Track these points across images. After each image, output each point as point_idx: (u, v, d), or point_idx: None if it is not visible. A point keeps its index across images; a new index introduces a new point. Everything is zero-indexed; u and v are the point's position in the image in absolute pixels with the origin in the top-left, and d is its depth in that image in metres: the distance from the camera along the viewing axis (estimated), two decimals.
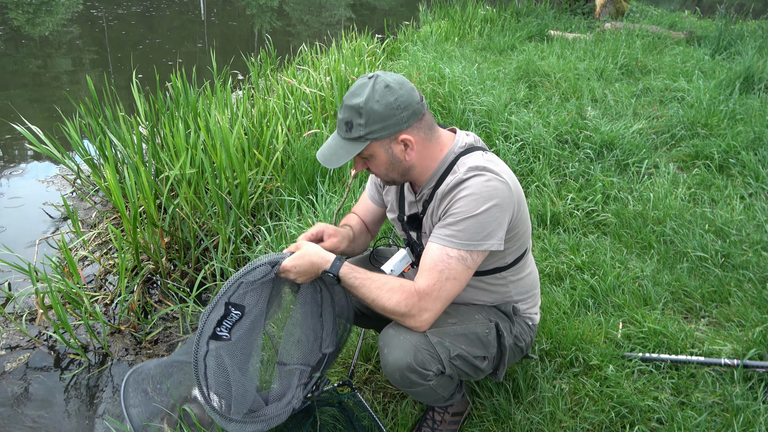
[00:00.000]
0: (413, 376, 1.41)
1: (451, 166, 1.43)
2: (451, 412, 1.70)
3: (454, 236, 1.36)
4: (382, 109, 1.32)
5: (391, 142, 1.38)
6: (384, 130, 1.35)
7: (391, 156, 1.40)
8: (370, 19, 14.03)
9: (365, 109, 1.32)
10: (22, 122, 4.10)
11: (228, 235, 2.98)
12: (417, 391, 1.47)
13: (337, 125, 1.40)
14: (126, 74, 6.24)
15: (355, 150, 1.36)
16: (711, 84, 4.61)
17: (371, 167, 1.44)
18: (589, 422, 1.74)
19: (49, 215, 3.63)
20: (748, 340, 2.01)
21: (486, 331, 1.51)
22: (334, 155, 1.39)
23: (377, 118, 1.33)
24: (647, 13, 10.60)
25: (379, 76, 1.34)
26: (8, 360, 2.42)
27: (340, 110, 1.38)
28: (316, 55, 5.95)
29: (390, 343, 1.42)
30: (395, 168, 1.43)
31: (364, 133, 1.34)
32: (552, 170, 3.37)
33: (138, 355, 2.49)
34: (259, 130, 3.70)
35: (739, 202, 2.98)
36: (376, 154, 1.39)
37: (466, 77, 4.61)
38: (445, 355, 1.42)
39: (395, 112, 1.34)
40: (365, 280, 1.40)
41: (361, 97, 1.32)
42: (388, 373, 1.45)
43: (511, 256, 1.52)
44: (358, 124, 1.34)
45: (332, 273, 1.41)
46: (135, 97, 3.95)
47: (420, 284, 1.37)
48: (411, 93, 1.36)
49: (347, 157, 1.37)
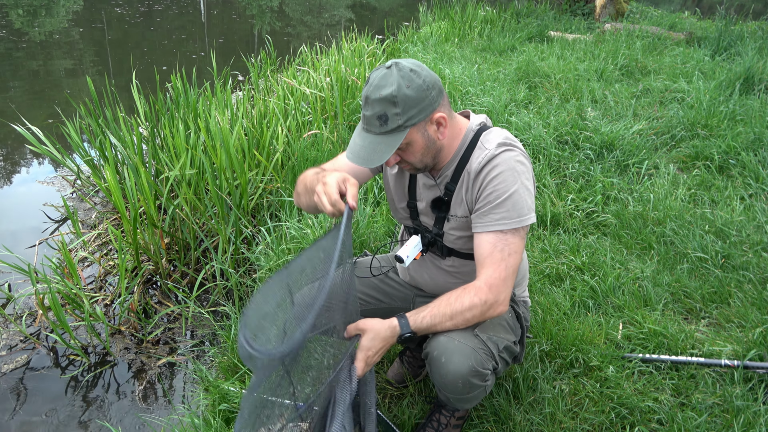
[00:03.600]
0: (476, 379, 1.39)
1: (473, 143, 1.44)
2: (457, 416, 1.70)
3: (502, 219, 1.37)
4: (414, 93, 1.30)
5: (426, 124, 1.36)
6: (421, 114, 1.33)
7: (427, 139, 1.38)
8: (370, 19, 14.04)
9: (399, 97, 1.29)
10: (22, 123, 4.10)
11: (228, 236, 2.98)
12: (472, 396, 1.45)
13: (366, 122, 1.34)
14: (126, 75, 6.24)
15: (396, 142, 1.32)
16: (711, 85, 4.62)
17: (406, 156, 1.41)
18: (590, 423, 1.74)
19: (49, 216, 3.63)
20: (748, 341, 2.01)
21: (510, 314, 1.57)
22: (375, 152, 1.33)
23: (412, 103, 1.30)
24: (647, 14, 10.61)
25: (399, 63, 1.33)
26: (8, 360, 2.42)
27: (368, 106, 1.32)
28: (316, 55, 5.96)
29: (447, 351, 1.39)
30: (430, 151, 1.41)
31: (403, 121, 1.31)
32: (552, 171, 3.37)
33: (138, 355, 2.49)
34: (259, 130, 3.70)
35: (739, 203, 2.98)
36: (413, 141, 1.36)
37: (466, 78, 4.61)
38: (495, 349, 1.44)
39: (426, 93, 1.32)
40: (434, 312, 1.38)
41: (391, 87, 1.29)
42: (448, 383, 1.40)
43: None
44: (395, 114, 1.30)
45: (409, 333, 1.38)
46: (135, 97, 3.95)
47: (487, 274, 1.37)
48: (431, 72, 1.36)
49: (390, 151, 1.32)
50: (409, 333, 1.37)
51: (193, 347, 2.57)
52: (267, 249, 2.83)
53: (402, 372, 1.97)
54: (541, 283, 2.43)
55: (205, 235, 3.11)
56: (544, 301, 2.26)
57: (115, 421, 2.14)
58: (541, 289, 2.38)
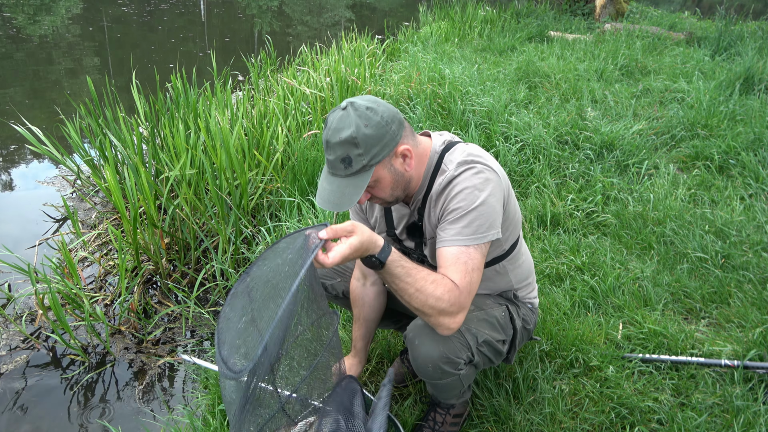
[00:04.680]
0: (446, 366, 1.42)
1: (438, 166, 1.43)
2: (452, 414, 1.71)
3: (462, 233, 1.35)
4: (374, 131, 1.29)
5: (391, 159, 1.36)
6: (384, 150, 1.32)
7: (395, 173, 1.38)
8: (370, 19, 14.04)
9: (359, 138, 1.28)
10: (22, 123, 4.10)
11: (228, 236, 2.98)
12: (445, 383, 1.48)
13: (330, 166, 1.34)
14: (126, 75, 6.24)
15: (363, 182, 1.32)
16: (711, 85, 4.61)
17: (376, 193, 1.41)
18: (590, 423, 1.74)
19: (49, 216, 3.63)
20: (748, 341, 2.01)
21: (502, 313, 1.56)
22: (344, 196, 1.33)
23: (374, 141, 1.30)
24: (647, 14, 10.61)
25: (354, 102, 1.32)
26: (8, 361, 2.42)
27: (330, 150, 1.32)
28: (316, 55, 5.96)
29: (420, 334, 1.43)
30: (399, 184, 1.41)
31: (367, 161, 1.31)
32: (552, 171, 3.37)
33: (138, 355, 2.49)
34: (259, 130, 3.70)
35: (739, 203, 2.98)
36: (381, 178, 1.36)
37: (466, 78, 4.61)
38: (473, 342, 1.45)
39: (386, 129, 1.31)
40: (411, 269, 1.30)
41: (350, 128, 1.28)
42: (419, 365, 1.44)
43: (507, 242, 1.54)
44: (358, 155, 1.30)
45: (378, 262, 1.28)
46: (135, 97, 3.95)
47: (453, 278, 1.31)
48: (388, 106, 1.36)
49: (358, 193, 1.32)
50: (379, 261, 1.28)
51: (193, 347, 2.57)
52: None
53: (402, 372, 1.97)
54: (541, 283, 2.43)
55: (205, 235, 3.11)
56: (544, 301, 2.26)
57: (115, 421, 2.14)
58: (541, 289, 2.38)
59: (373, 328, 1.81)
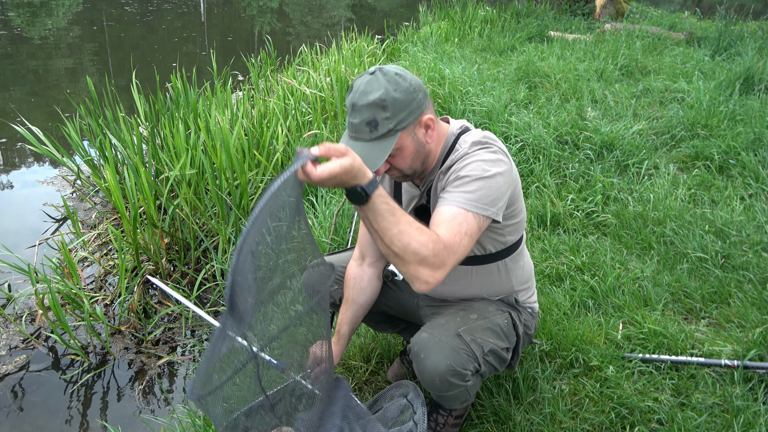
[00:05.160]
0: (453, 378, 1.39)
1: (452, 147, 1.43)
2: (454, 416, 1.70)
3: (465, 197, 1.31)
4: (403, 96, 1.29)
5: (415, 128, 1.35)
6: (410, 117, 1.32)
7: (417, 143, 1.37)
8: (370, 20, 14.04)
9: (388, 101, 1.28)
10: (22, 123, 4.10)
11: (228, 236, 2.98)
12: (452, 395, 1.45)
13: (354, 130, 1.32)
14: (126, 75, 6.24)
15: (388, 147, 1.30)
16: (711, 85, 4.61)
17: (396, 163, 1.38)
18: (590, 423, 1.74)
19: (49, 216, 3.63)
20: (748, 341, 2.01)
21: (505, 321, 1.54)
22: (368, 160, 1.27)
23: (402, 106, 1.30)
24: (647, 14, 10.61)
25: (383, 68, 1.32)
26: (8, 361, 2.41)
27: (355, 113, 1.30)
28: (316, 55, 5.96)
29: (426, 347, 1.39)
30: (420, 155, 1.40)
31: (394, 125, 1.30)
32: (552, 171, 3.37)
33: (138, 355, 2.49)
34: (259, 130, 3.70)
35: (739, 203, 2.98)
36: (404, 146, 1.35)
37: (466, 78, 4.61)
38: (479, 352, 1.42)
39: (414, 96, 1.31)
40: (396, 209, 1.21)
41: (379, 91, 1.28)
42: (426, 379, 1.41)
43: (510, 236, 1.52)
44: (385, 119, 1.29)
45: (366, 191, 1.16)
46: (135, 97, 3.95)
47: (442, 234, 1.25)
48: (415, 76, 1.37)
49: (383, 157, 1.30)
50: (365, 193, 1.16)
51: (192, 347, 2.57)
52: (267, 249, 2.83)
53: (402, 372, 1.97)
54: (541, 283, 2.43)
55: (205, 235, 3.11)
56: (544, 301, 2.26)
57: (115, 421, 2.14)
58: (541, 289, 2.38)
59: (361, 315, 1.71)
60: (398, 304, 1.75)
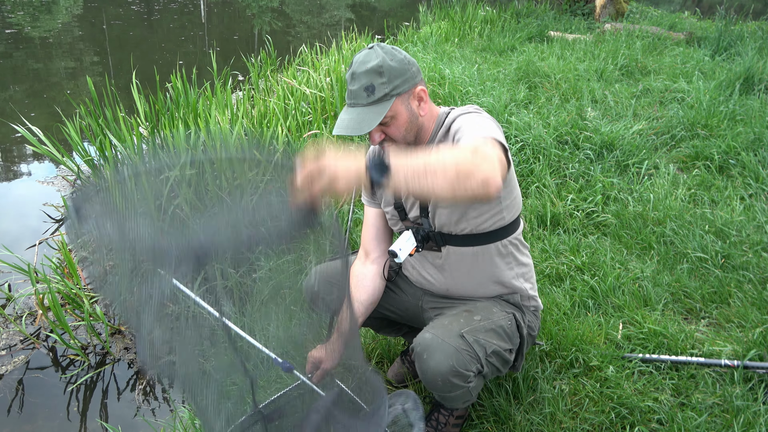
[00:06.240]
0: (456, 379, 1.40)
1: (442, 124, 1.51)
2: (455, 415, 1.70)
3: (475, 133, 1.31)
4: (398, 65, 1.39)
5: (409, 97, 1.43)
6: (404, 84, 1.40)
7: (411, 113, 1.44)
8: (370, 19, 14.04)
9: (385, 67, 1.37)
10: (22, 123, 4.10)
11: None
12: (454, 395, 1.46)
13: (352, 97, 1.40)
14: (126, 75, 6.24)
15: (383, 110, 1.38)
16: (711, 85, 4.61)
17: (390, 131, 1.44)
18: (590, 423, 1.74)
19: (49, 216, 3.63)
20: (748, 341, 2.01)
21: (509, 323, 1.55)
22: (363, 122, 1.37)
23: (397, 73, 1.39)
24: (647, 14, 10.61)
25: (379, 44, 1.43)
26: (8, 361, 2.41)
27: (354, 81, 1.39)
28: (316, 55, 5.95)
29: (429, 348, 1.40)
30: (413, 126, 1.46)
31: (390, 89, 1.38)
32: (552, 171, 3.37)
33: None
34: (260, 130, 3.70)
35: (739, 203, 2.98)
36: (398, 113, 1.42)
37: (466, 78, 4.61)
38: (482, 353, 1.43)
39: (408, 67, 1.41)
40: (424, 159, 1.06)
41: (376, 60, 1.37)
42: (428, 380, 1.42)
43: (507, 212, 1.53)
44: (381, 83, 1.37)
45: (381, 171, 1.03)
46: (135, 97, 3.95)
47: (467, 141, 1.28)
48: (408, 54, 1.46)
49: (377, 119, 1.37)
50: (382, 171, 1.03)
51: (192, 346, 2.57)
52: (267, 249, 2.83)
53: (402, 372, 1.97)
54: (541, 283, 2.43)
55: None
56: (544, 301, 2.26)
57: (115, 421, 2.14)
58: (541, 289, 2.38)
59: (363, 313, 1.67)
60: (401, 308, 1.75)
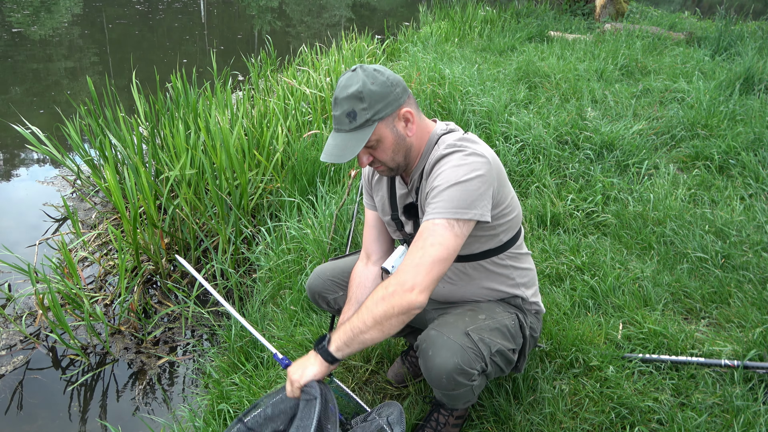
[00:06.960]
0: (460, 377, 1.40)
1: (434, 146, 1.48)
2: (455, 416, 1.70)
3: (438, 206, 1.34)
4: (379, 88, 1.36)
5: (394, 120, 1.41)
6: (387, 108, 1.38)
7: (397, 135, 1.42)
8: (370, 19, 14.04)
9: (365, 93, 1.35)
10: (22, 123, 4.10)
11: (228, 236, 2.98)
12: (457, 394, 1.46)
13: (336, 122, 1.39)
14: (126, 75, 6.25)
15: (364, 136, 1.37)
16: (711, 85, 4.61)
17: (378, 155, 1.43)
18: (590, 423, 1.74)
19: (49, 216, 3.63)
20: (748, 341, 2.01)
21: (512, 322, 1.55)
22: (346, 149, 1.37)
23: (378, 98, 1.36)
24: (647, 14, 10.61)
25: (363, 65, 1.40)
26: (8, 361, 2.41)
27: (337, 107, 1.38)
28: (316, 55, 5.96)
29: (434, 345, 1.41)
30: (401, 148, 1.44)
31: (371, 115, 1.36)
32: (552, 171, 3.37)
33: (138, 355, 2.49)
34: (259, 130, 3.70)
35: (739, 203, 2.98)
36: (383, 137, 1.40)
37: (466, 78, 4.61)
38: (487, 352, 1.43)
39: (391, 89, 1.38)
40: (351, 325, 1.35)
41: (356, 85, 1.35)
42: (432, 377, 1.42)
43: (504, 235, 1.52)
44: (362, 109, 1.36)
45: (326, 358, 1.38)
46: (135, 97, 3.95)
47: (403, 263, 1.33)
48: (394, 73, 1.43)
49: (359, 145, 1.36)
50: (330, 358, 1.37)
51: (193, 347, 2.57)
52: (267, 249, 2.83)
53: (402, 372, 1.97)
54: (541, 283, 2.43)
55: (205, 235, 3.11)
56: (544, 301, 2.26)
57: (115, 421, 2.14)
58: (542, 289, 2.38)
59: None
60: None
